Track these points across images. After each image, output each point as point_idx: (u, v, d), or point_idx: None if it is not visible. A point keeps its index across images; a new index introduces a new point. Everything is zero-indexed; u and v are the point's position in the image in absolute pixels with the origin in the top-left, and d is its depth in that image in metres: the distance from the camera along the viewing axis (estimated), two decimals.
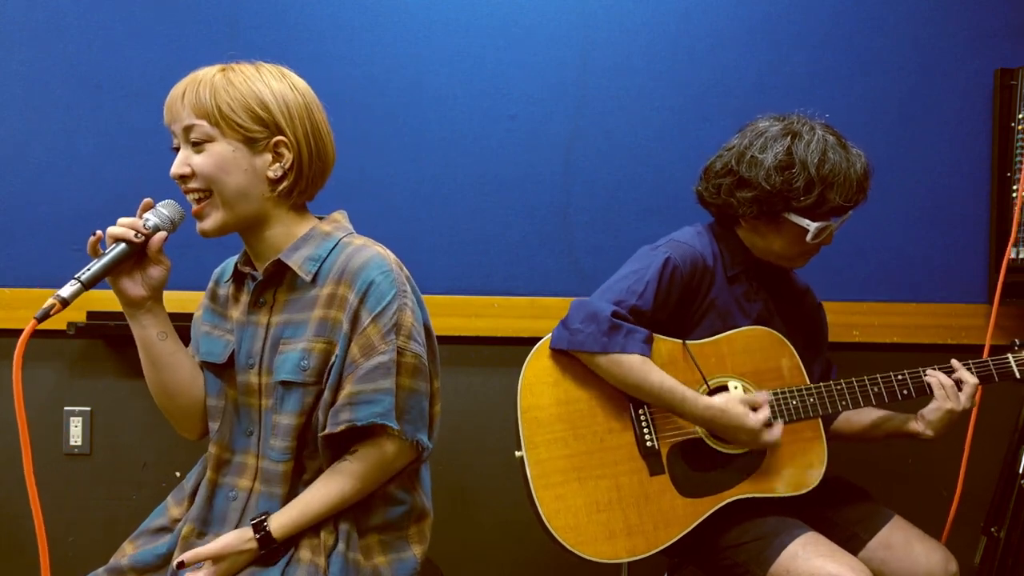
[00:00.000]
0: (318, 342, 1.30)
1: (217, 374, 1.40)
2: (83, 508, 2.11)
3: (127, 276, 1.30)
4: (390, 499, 1.37)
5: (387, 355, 1.29)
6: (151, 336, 1.35)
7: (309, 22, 2.10)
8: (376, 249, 1.34)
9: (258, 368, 1.36)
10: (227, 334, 1.40)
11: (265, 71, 1.32)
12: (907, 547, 1.64)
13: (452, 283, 2.13)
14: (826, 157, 1.57)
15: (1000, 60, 2.20)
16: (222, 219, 1.31)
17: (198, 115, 1.27)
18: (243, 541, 1.27)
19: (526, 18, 2.14)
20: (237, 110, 1.27)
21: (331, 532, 1.30)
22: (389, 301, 1.30)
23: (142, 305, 1.33)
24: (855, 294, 2.20)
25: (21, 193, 2.07)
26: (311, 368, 1.30)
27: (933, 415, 1.62)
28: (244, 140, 1.29)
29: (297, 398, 1.31)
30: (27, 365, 2.08)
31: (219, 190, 1.29)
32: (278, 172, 1.31)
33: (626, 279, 1.61)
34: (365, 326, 1.29)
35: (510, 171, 2.15)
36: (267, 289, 1.37)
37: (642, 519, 1.56)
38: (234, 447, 1.39)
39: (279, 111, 1.30)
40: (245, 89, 1.28)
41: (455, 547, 2.15)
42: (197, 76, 1.30)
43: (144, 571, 1.35)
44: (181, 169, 1.30)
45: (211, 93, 1.27)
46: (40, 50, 2.06)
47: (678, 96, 2.17)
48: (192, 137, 1.29)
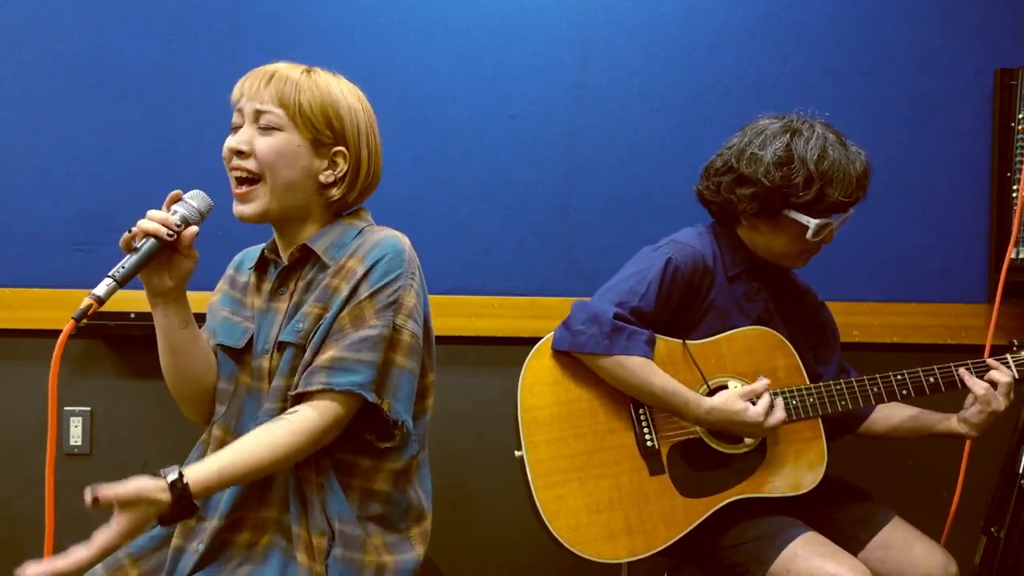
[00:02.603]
0: (315, 307, 1.32)
1: (232, 357, 1.41)
2: (83, 508, 2.10)
3: (156, 268, 1.31)
4: (386, 499, 1.37)
5: (377, 330, 1.29)
6: (173, 324, 1.36)
7: (309, 22, 2.10)
8: (395, 232, 1.38)
9: (271, 354, 1.37)
10: (246, 320, 1.42)
11: (345, 85, 1.39)
12: (907, 548, 1.64)
13: (452, 283, 2.13)
14: (825, 153, 1.57)
15: (1000, 60, 2.20)
16: (265, 206, 1.34)
17: (279, 103, 1.32)
18: (156, 489, 1.15)
19: (526, 18, 2.14)
20: (316, 111, 1.33)
21: (322, 534, 1.29)
22: (393, 279, 1.32)
23: (168, 295, 1.34)
24: (855, 294, 2.20)
25: (21, 193, 2.07)
26: (304, 330, 1.31)
27: (976, 417, 1.61)
28: (312, 140, 1.34)
29: (287, 358, 1.32)
30: (27, 365, 2.09)
31: (272, 178, 1.32)
32: (330, 179, 1.36)
33: (628, 280, 1.61)
34: (362, 298, 1.30)
35: (510, 171, 2.15)
36: (291, 276, 1.39)
37: (642, 519, 1.56)
38: (240, 431, 1.38)
39: (349, 123, 1.36)
40: (327, 95, 1.34)
41: (455, 547, 2.15)
42: (282, 69, 1.35)
43: (139, 557, 1.35)
44: (241, 145, 1.32)
45: (297, 88, 1.32)
46: (40, 50, 2.06)
47: (678, 96, 2.17)
48: (263, 121, 1.32)
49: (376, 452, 1.35)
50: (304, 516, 1.30)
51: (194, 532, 1.34)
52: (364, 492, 1.35)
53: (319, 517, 1.30)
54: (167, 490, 1.16)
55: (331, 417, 1.27)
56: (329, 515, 1.31)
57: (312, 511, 1.30)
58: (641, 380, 1.56)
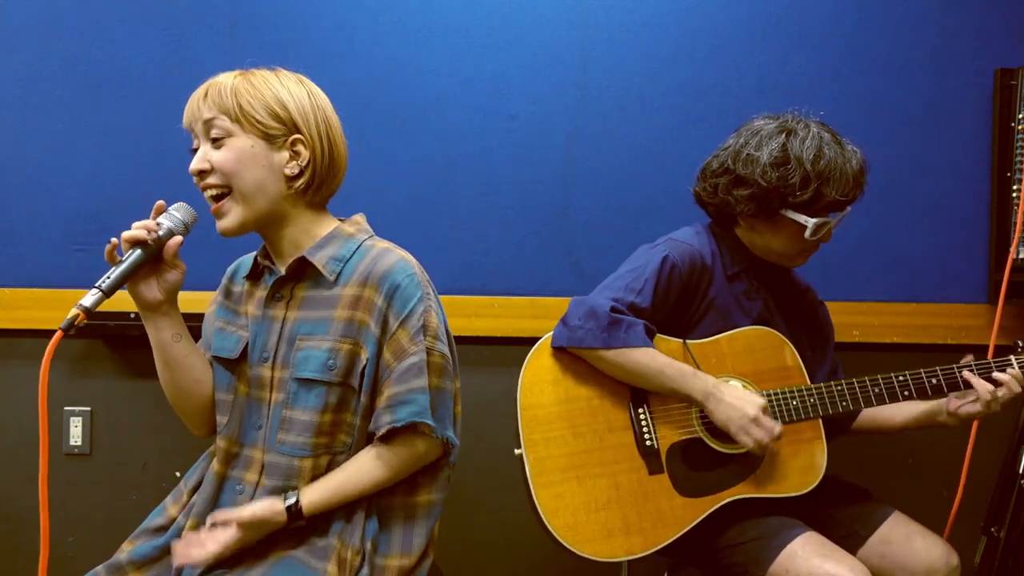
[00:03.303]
0: (345, 343, 1.34)
1: (228, 368, 1.42)
2: (83, 508, 2.11)
3: (143, 281, 1.32)
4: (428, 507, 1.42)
5: (417, 356, 1.33)
6: (166, 338, 1.37)
7: (309, 22, 2.10)
8: (400, 253, 1.39)
9: (272, 362, 1.38)
10: (240, 329, 1.43)
11: (283, 75, 1.38)
12: (907, 542, 1.64)
13: (452, 283, 2.13)
14: (821, 153, 1.57)
15: (1000, 60, 2.20)
16: (241, 216, 1.34)
17: (220, 111, 1.32)
18: (274, 512, 1.30)
19: (526, 18, 2.14)
20: (257, 107, 1.33)
21: (357, 553, 1.32)
22: (415, 304, 1.34)
23: (158, 308, 1.35)
24: (855, 294, 2.20)
25: (21, 193, 2.07)
26: (338, 368, 1.33)
27: (966, 413, 1.61)
28: (263, 136, 1.33)
29: (319, 396, 1.33)
30: (27, 365, 2.10)
31: (237, 185, 1.33)
32: (295, 169, 1.36)
33: (624, 277, 1.61)
34: (394, 331, 1.33)
35: (510, 171, 2.15)
36: (285, 285, 1.40)
37: (641, 518, 1.56)
38: (243, 441, 1.41)
39: (296, 110, 1.35)
40: (265, 89, 1.34)
41: (455, 547, 2.15)
42: (217, 79, 1.36)
43: (142, 564, 1.36)
44: (200, 165, 1.33)
45: (232, 92, 1.33)
46: (40, 50, 2.07)
47: (678, 96, 2.17)
48: (212, 133, 1.33)
49: (429, 470, 1.42)
50: (346, 531, 1.34)
51: None
52: (407, 506, 1.40)
53: (357, 536, 1.33)
54: (283, 512, 1.30)
55: (407, 454, 1.36)
56: (365, 536, 1.34)
57: (354, 529, 1.34)
58: (644, 366, 1.55)
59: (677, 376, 1.56)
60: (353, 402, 1.35)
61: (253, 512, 1.29)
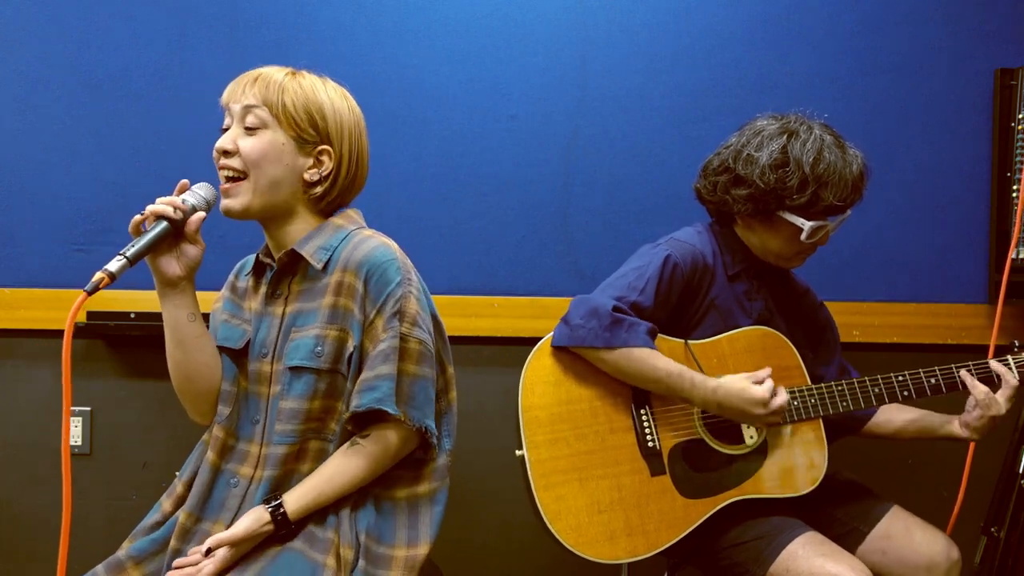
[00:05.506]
0: (331, 329, 1.35)
1: (233, 359, 1.44)
2: (83, 508, 2.10)
3: (165, 255, 1.34)
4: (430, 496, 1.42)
5: (386, 342, 1.33)
6: (181, 317, 1.39)
7: (309, 22, 2.10)
8: (381, 239, 1.40)
9: (271, 357, 1.39)
10: (244, 323, 1.45)
11: (331, 86, 1.43)
12: (907, 535, 1.64)
13: (452, 283, 2.13)
14: (821, 156, 1.57)
15: (1000, 60, 2.20)
16: (248, 202, 1.37)
17: (263, 102, 1.35)
18: (260, 525, 1.30)
19: (526, 18, 2.14)
20: (299, 109, 1.36)
21: (350, 547, 1.32)
22: (392, 289, 1.35)
23: (177, 284, 1.37)
24: (855, 294, 2.20)
25: (21, 193, 2.07)
26: (326, 355, 1.34)
27: (977, 422, 1.61)
28: (296, 137, 1.37)
29: (308, 383, 1.34)
30: (26, 365, 2.09)
31: (256, 175, 1.35)
32: (314, 177, 1.40)
33: (626, 276, 1.61)
34: (372, 317, 1.34)
35: (510, 171, 2.15)
36: (283, 280, 1.42)
37: (643, 520, 1.56)
38: (239, 434, 1.42)
39: (333, 122, 1.40)
40: (310, 94, 1.38)
41: (455, 547, 2.15)
42: (267, 71, 1.39)
43: (141, 560, 1.36)
44: (228, 145, 1.36)
45: (279, 88, 1.36)
46: (40, 50, 2.06)
47: (678, 96, 2.17)
48: (248, 120, 1.36)
49: (415, 462, 1.41)
50: (342, 525, 1.34)
51: (191, 534, 1.35)
52: (411, 498, 1.40)
53: (349, 530, 1.33)
54: (270, 521, 1.31)
55: (380, 447, 1.35)
56: (358, 529, 1.34)
57: (348, 523, 1.34)
58: (645, 368, 1.55)
59: (677, 384, 1.56)
60: (343, 389, 1.37)
61: (247, 529, 1.30)
